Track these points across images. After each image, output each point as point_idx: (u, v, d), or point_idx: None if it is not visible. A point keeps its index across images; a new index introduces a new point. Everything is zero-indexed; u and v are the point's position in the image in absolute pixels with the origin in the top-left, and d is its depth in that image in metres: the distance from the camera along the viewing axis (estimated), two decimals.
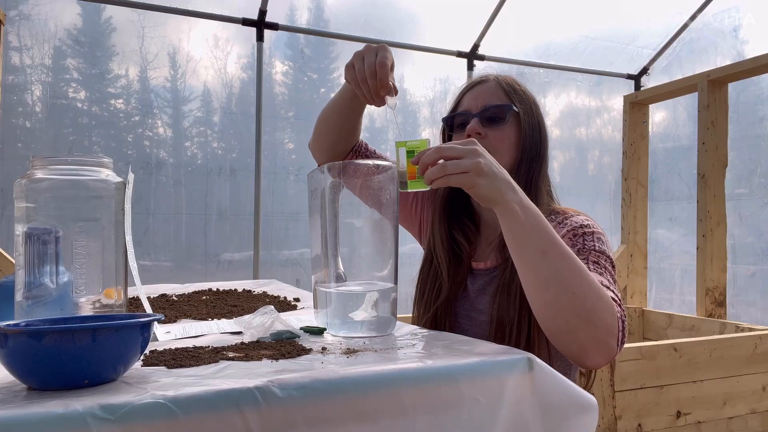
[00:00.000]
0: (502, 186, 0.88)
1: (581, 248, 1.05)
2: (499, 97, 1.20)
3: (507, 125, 1.18)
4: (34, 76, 2.81)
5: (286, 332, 0.91)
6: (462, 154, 0.87)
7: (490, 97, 1.21)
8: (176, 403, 0.57)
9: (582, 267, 0.91)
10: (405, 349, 0.82)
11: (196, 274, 3.08)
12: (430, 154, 0.88)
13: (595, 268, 1.01)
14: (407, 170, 0.92)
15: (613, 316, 0.90)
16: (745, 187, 3.46)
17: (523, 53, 3.77)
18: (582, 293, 0.88)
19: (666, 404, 1.89)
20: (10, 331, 0.60)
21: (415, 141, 0.92)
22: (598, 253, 1.05)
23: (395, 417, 0.66)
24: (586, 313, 0.88)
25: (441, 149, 0.87)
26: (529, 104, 1.22)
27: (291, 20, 3.25)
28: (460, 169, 0.86)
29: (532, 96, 1.25)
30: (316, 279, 1.03)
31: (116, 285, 0.92)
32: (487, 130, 1.17)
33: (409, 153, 0.91)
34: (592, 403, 0.76)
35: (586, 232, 1.08)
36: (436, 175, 0.86)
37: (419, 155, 0.90)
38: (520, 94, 1.21)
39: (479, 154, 0.88)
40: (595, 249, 1.05)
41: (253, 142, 3.08)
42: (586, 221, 1.12)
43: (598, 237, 1.08)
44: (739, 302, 3.41)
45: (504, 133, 1.17)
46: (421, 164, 0.88)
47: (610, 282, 1.01)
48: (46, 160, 0.88)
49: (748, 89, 3.51)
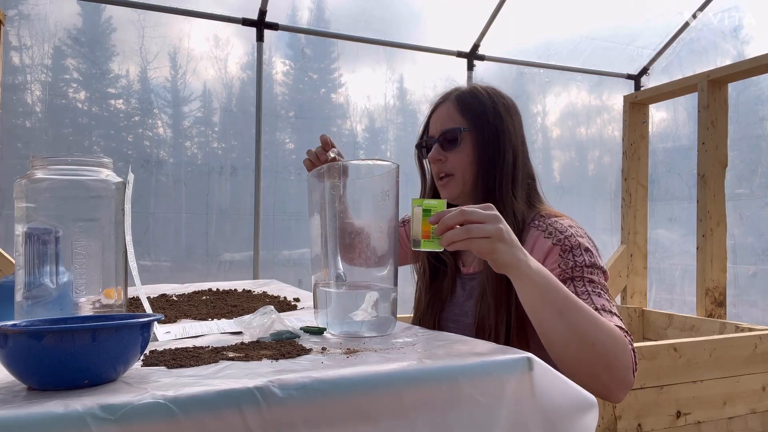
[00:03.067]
0: (518, 252, 0.91)
1: (573, 266, 1.07)
2: (452, 119, 1.24)
3: (462, 145, 1.22)
4: (34, 76, 2.81)
5: (286, 332, 0.91)
6: (485, 218, 0.88)
7: (446, 121, 1.25)
8: (176, 403, 0.57)
9: (593, 315, 0.94)
10: (405, 349, 0.82)
11: (196, 274, 3.08)
12: (453, 216, 0.88)
13: (593, 290, 1.05)
14: (421, 229, 0.90)
15: (627, 353, 0.95)
16: (746, 187, 3.46)
17: (524, 53, 3.77)
18: (600, 342, 0.93)
19: (666, 404, 1.89)
20: (10, 331, 0.60)
21: (433, 201, 0.92)
22: (590, 269, 1.07)
23: (395, 417, 0.66)
24: (605, 359, 0.92)
25: (465, 212, 0.88)
26: (485, 115, 1.22)
27: (291, 20, 3.25)
28: (483, 233, 0.87)
29: (491, 102, 1.24)
30: (316, 279, 1.03)
31: (116, 285, 0.92)
32: (446, 154, 1.23)
33: (425, 212, 0.90)
34: (592, 403, 0.77)
35: (573, 245, 1.09)
36: (458, 237, 0.87)
37: (438, 216, 0.89)
38: (474, 108, 1.23)
39: (500, 220, 0.90)
40: (586, 265, 1.07)
41: (253, 141, 3.08)
42: (570, 227, 1.13)
43: (585, 248, 1.09)
44: (740, 302, 3.41)
45: (461, 154, 1.22)
46: (442, 225, 0.88)
47: (609, 302, 1.05)
48: (46, 160, 0.88)
49: (748, 89, 3.51)
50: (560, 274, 1.07)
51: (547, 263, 1.09)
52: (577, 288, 1.05)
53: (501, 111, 1.24)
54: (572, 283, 1.06)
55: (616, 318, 1.03)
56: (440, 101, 1.30)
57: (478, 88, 1.27)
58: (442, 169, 1.24)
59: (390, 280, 0.97)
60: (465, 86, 1.30)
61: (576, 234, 1.11)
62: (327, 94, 3.49)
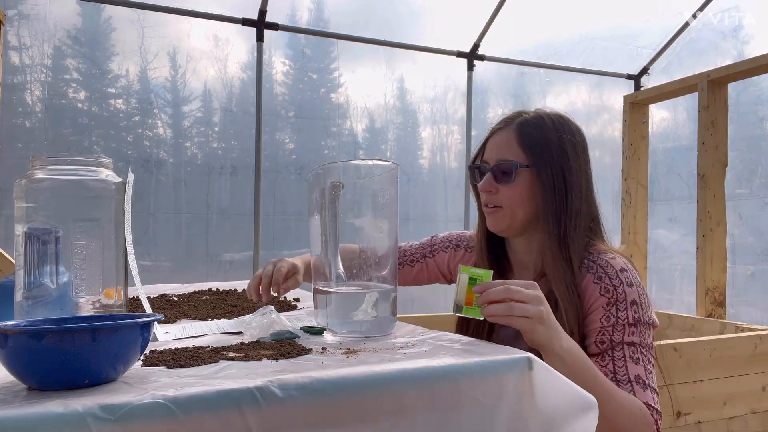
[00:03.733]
0: (554, 334, 0.93)
1: (615, 324, 1.06)
2: (511, 151, 1.16)
3: (517, 181, 1.15)
4: (33, 76, 2.81)
5: (286, 332, 0.91)
6: (527, 299, 0.90)
7: (503, 151, 1.17)
8: (176, 403, 0.57)
9: (621, 400, 0.97)
10: (405, 349, 0.82)
11: (196, 274, 3.08)
12: (498, 291, 0.90)
13: (631, 355, 1.05)
14: (465, 296, 0.93)
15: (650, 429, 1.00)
16: (745, 187, 3.46)
17: (523, 53, 3.77)
18: (625, 426, 0.96)
19: (666, 404, 1.89)
20: (10, 331, 0.60)
21: (480, 270, 0.94)
22: (633, 327, 1.06)
23: (395, 417, 0.66)
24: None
25: (510, 290, 0.89)
26: (550, 151, 1.14)
27: (291, 20, 3.25)
28: (525, 313, 0.89)
29: (556, 138, 1.16)
30: (316, 279, 1.03)
31: (116, 285, 0.92)
32: (498, 186, 1.17)
33: (471, 280, 0.93)
34: (592, 403, 0.77)
35: (619, 299, 1.07)
36: (501, 313, 0.90)
37: (483, 286, 0.91)
38: (537, 143, 1.15)
39: (542, 302, 0.92)
40: (629, 323, 1.06)
41: (253, 141, 3.08)
42: (622, 272, 1.10)
43: (632, 301, 1.07)
44: (740, 302, 3.41)
45: (514, 190, 1.15)
46: (485, 298, 0.90)
47: (646, 370, 1.05)
48: (46, 160, 0.88)
49: (748, 89, 3.51)
50: (599, 333, 1.06)
51: (592, 315, 1.08)
52: (614, 354, 1.05)
53: (566, 147, 1.16)
54: (611, 349, 1.05)
55: (650, 392, 1.03)
56: (501, 126, 1.21)
57: (544, 118, 1.18)
58: (491, 200, 1.18)
59: (390, 280, 0.97)
60: (531, 113, 1.20)
61: (625, 282, 1.08)
62: (327, 93, 3.49)
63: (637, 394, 1.02)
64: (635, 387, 1.03)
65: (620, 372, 1.04)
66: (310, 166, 3.19)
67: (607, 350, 1.06)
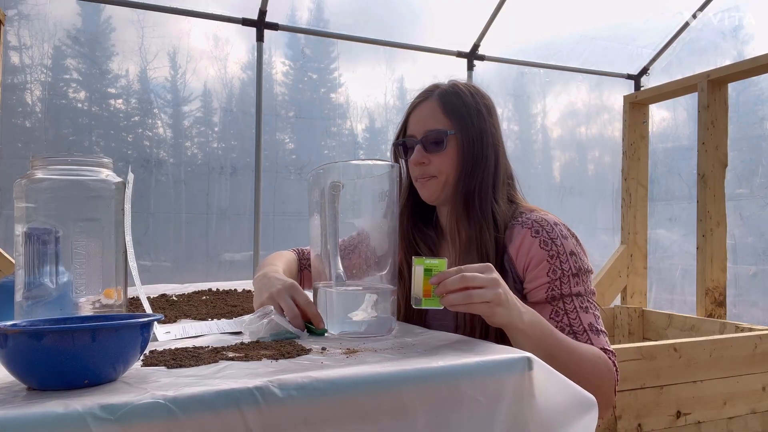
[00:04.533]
0: (514, 313, 0.94)
1: (561, 277, 1.11)
2: (437, 120, 1.22)
3: (447, 148, 1.21)
4: (33, 76, 2.81)
5: (286, 332, 0.91)
6: (484, 283, 0.91)
7: (430, 121, 1.23)
8: (176, 403, 0.57)
9: (582, 352, 1.02)
10: (405, 349, 0.82)
11: (196, 274, 3.08)
12: (454, 281, 0.89)
13: (580, 305, 1.11)
14: (423, 287, 0.92)
15: (611, 376, 1.06)
16: (746, 187, 3.46)
17: (524, 53, 3.77)
18: (588, 374, 1.01)
19: (666, 404, 1.89)
20: (10, 331, 0.60)
21: (434, 260, 0.93)
22: (576, 277, 1.12)
23: (395, 417, 0.66)
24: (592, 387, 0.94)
25: (466, 278, 0.89)
26: (470, 116, 1.21)
27: (291, 20, 3.25)
28: (483, 299, 0.90)
29: (474, 103, 1.22)
30: (316, 279, 1.03)
31: (116, 285, 0.92)
32: (430, 156, 1.21)
33: (426, 271, 0.92)
34: (592, 403, 0.77)
35: (559, 251, 1.12)
36: (460, 302, 0.90)
37: (439, 277, 0.91)
38: (458, 109, 1.21)
39: (498, 284, 0.92)
40: (572, 273, 1.11)
41: (253, 141, 3.08)
42: (555, 225, 1.15)
43: (570, 252, 1.12)
44: (741, 302, 3.41)
45: (445, 157, 1.21)
46: (443, 288, 0.90)
47: (595, 316, 1.12)
48: (46, 160, 0.88)
49: (748, 89, 3.51)
50: (549, 288, 1.11)
51: (536, 270, 1.12)
52: (566, 306, 1.10)
53: (483, 111, 1.23)
54: (562, 302, 1.11)
55: (603, 336, 1.10)
56: (421, 99, 1.27)
57: (460, 87, 1.25)
58: (425, 171, 1.22)
59: (390, 281, 0.97)
60: (446, 84, 1.27)
61: (561, 235, 1.13)
62: (327, 93, 3.49)
63: (593, 342, 1.08)
64: (590, 335, 1.09)
65: (575, 324, 1.09)
66: (310, 166, 3.19)
67: (558, 304, 1.11)
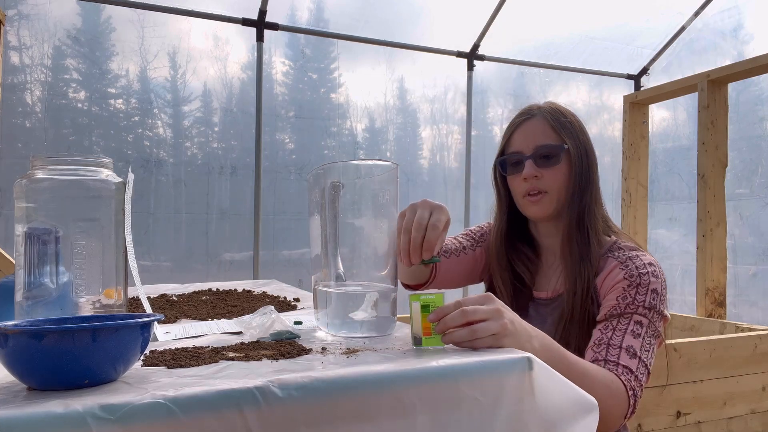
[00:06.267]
0: (523, 338, 0.88)
1: (630, 303, 1.09)
2: (548, 135, 1.23)
3: (561, 163, 1.22)
4: (33, 76, 2.81)
5: (286, 332, 0.91)
6: (487, 316, 0.84)
7: (540, 137, 1.23)
8: (176, 403, 0.56)
9: (596, 376, 0.98)
10: (405, 349, 0.82)
11: (196, 274, 3.08)
12: (454, 317, 0.82)
13: (633, 330, 1.07)
14: (422, 326, 0.84)
15: (622, 405, 1.00)
16: (746, 187, 3.46)
17: (523, 53, 3.77)
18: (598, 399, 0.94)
19: (666, 404, 1.89)
20: (10, 331, 0.60)
21: (430, 295, 0.85)
22: (647, 310, 1.09)
23: (395, 417, 0.66)
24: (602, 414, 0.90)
25: (466, 313, 0.82)
26: (576, 133, 1.23)
27: (291, 20, 3.25)
28: (489, 332, 0.83)
29: (577, 121, 1.26)
30: (316, 279, 1.03)
31: (116, 285, 0.92)
32: (542, 171, 1.22)
33: (423, 307, 0.84)
34: (593, 403, 0.76)
35: (641, 283, 1.10)
36: (464, 339, 0.83)
37: (438, 313, 0.83)
38: (567, 126, 1.23)
39: (503, 314, 0.85)
40: (644, 305, 1.09)
41: (253, 141, 3.08)
42: (649, 265, 1.13)
43: (653, 289, 1.11)
44: (741, 302, 3.41)
45: (558, 172, 1.22)
46: (443, 326, 0.83)
47: (643, 347, 1.06)
48: (46, 160, 0.87)
49: (748, 89, 3.51)
50: (612, 308, 1.09)
51: (610, 293, 1.11)
52: (619, 324, 1.07)
53: (585, 130, 1.26)
54: (617, 320, 1.08)
55: (636, 361, 1.04)
56: (525, 118, 1.27)
57: (560, 105, 1.27)
58: (536, 186, 1.22)
59: (390, 280, 0.97)
60: (542, 104, 1.28)
61: (651, 273, 1.12)
62: (327, 93, 3.49)
63: (621, 359, 1.04)
64: (623, 353, 1.04)
65: (615, 339, 1.05)
66: (310, 166, 3.20)
67: (612, 320, 1.08)
